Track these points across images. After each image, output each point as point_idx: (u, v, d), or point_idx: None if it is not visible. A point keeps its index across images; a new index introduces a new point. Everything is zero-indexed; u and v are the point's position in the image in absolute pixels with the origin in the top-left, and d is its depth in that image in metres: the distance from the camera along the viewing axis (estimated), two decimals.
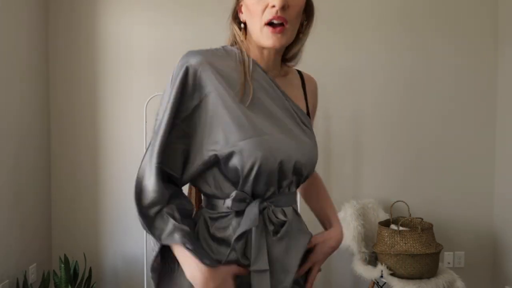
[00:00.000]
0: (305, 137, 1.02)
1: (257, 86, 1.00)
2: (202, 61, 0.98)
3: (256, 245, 0.95)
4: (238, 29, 1.04)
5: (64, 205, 2.74)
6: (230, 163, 0.94)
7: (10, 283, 2.31)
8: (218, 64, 0.99)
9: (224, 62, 1.00)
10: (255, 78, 1.00)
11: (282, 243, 0.98)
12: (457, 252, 2.86)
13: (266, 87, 1.01)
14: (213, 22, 2.72)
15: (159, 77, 2.71)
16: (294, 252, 0.99)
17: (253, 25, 0.99)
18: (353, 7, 2.77)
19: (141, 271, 2.68)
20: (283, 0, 0.93)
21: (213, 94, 0.96)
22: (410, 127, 2.82)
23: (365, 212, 2.59)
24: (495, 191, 2.85)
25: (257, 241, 0.95)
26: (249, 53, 1.04)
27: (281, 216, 0.99)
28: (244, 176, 0.95)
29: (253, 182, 0.96)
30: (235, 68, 0.99)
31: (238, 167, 0.94)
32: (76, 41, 2.70)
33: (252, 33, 1.01)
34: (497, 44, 2.81)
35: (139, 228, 2.67)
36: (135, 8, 2.70)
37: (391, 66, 2.79)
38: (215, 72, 0.97)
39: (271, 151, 0.94)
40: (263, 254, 0.94)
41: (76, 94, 2.71)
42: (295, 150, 0.98)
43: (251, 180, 0.95)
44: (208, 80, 0.96)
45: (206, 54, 1.01)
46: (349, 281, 2.83)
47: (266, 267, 0.94)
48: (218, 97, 0.96)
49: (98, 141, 2.73)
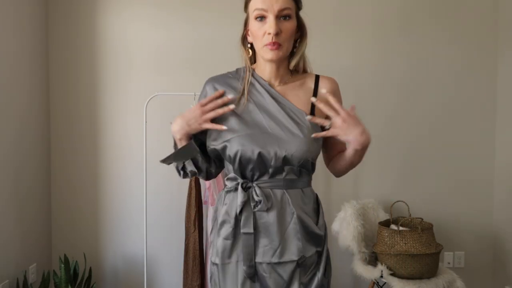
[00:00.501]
0: (298, 130, 1.27)
1: (256, 93, 1.32)
2: (211, 86, 1.35)
3: (245, 215, 1.27)
4: (245, 51, 1.36)
5: (64, 205, 2.74)
6: (225, 153, 1.28)
7: (10, 283, 2.31)
8: (225, 86, 1.34)
9: (230, 83, 1.35)
10: (256, 87, 1.33)
11: (268, 214, 1.27)
12: (457, 252, 2.86)
13: (265, 93, 1.32)
14: (213, 22, 2.72)
15: (159, 77, 2.71)
16: (278, 224, 1.27)
17: (257, 45, 1.30)
18: (354, 7, 2.77)
19: (141, 271, 2.68)
20: (275, 29, 1.23)
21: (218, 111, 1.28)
22: (410, 127, 2.82)
23: (365, 212, 2.59)
24: (495, 191, 2.85)
25: (245, 212, 1.27)
26: (258, 68, 1.36)
27: (257, 196, 1.27)
28: (232, 162, 1.29)
29: (239, 167, 1.28)
30: (239, 84, 1.34)
31: (230, 156, 1.27)
32: (76, 41, 2.70)
33: (257, 50, 1.32)
34: (497, 44, 2.81)
35: (139, 228, 2.68)
36: (135, 8, 2.70)
37: (391, 66, 2.79)
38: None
39: (250, 144, 1.25)
40: (249, 222, 1.26)
41: (76, 94, 2.71)
42: (281, 142, 1.26)
43: (237, 165, 1.28)
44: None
45: (218, 80, 1.37)
46: (349, 281, 2.83)
47: (251, 231, 1.26)
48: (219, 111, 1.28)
49: (98, 141, 2.73)
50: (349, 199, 2.66)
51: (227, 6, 2.71)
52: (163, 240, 2.75)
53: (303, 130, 1.27)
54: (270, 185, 1.29)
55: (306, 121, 1.28)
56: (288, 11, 1.26)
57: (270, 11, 1.24)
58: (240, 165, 1.28)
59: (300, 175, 1.31)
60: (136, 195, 2.71)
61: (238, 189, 1.29)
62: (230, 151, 1.27)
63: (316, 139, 1.28)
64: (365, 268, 2.42)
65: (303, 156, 1.27)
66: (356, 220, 2.47)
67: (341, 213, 2.54)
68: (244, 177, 1.30)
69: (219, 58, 2.72)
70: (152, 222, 2.71)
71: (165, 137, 2.73)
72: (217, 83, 1.35)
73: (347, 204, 2.57)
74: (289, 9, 1.26)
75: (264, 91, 1.32)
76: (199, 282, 2.49)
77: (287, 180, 1.29)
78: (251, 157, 1.25)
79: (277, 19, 1.24)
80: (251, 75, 1.34)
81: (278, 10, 1.24)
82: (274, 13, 1.24)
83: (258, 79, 1.34)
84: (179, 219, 2.67)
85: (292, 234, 1.27)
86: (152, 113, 2.63)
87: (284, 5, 1.25)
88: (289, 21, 1.27)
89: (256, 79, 1.34)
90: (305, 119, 1.29)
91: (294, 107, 1.31)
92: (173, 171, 2.75)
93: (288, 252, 1.27)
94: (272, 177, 1.29)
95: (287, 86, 1.34)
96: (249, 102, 1.31)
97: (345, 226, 2.47)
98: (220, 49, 2.72)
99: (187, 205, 2.50)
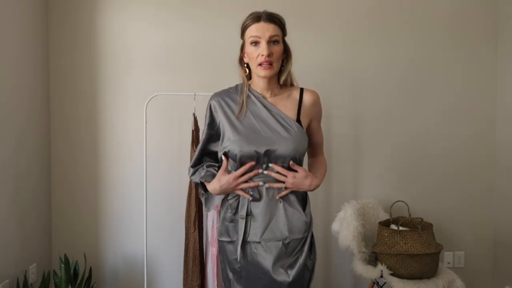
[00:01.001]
0: (286, 133, 1.58)
1: (252, 104, 1.65)
2: (216, 101, 1.68)
3: (241, 204, 1.62)
4: (243, 70, 1.69)
5: (64, 205, 2.74)
6: (230, 153, 1.61)
7: (10, 283, 2.31)
8: (227, 99, 1.67)
9: (231, 96, 1.68)
10: (252, 99, 1.65)
11: (259, 204, 1.60)
12: (457, 252, 2.86)
13: (259, 104, 1.65)
14: (214, 22, 2.73)
15: (159, 77, 2.71)
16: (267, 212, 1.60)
17: (252, 65, 1.63)
18: (354, 8, 2.77)
19: (141, 271, 2.68)
20: (268, 51, 1.56)
21: (222, 120, 1.65)
22: (410, 127, 2.82)
23: (365, 212, 2.59)
24: (495, 191, 2.85)
25: (242, 201, 1.62)
26: (253, 83, 1.68)
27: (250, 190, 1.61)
28: (234, 159, 1.61)
29: (240, 162, 1.60)
30: (239, 96, 1.68)
31: (232, 153, 1.60)
32: (76, 41, 2.70)
33: (252, 69, 1.65)
34: (497, 45, 2.81)
35: (139, 228, 2.68)
36: (135, 7, 2.70)
37: (391, 67, 2.79)
38: (223, 105, 1.66)
39: (248, 145, 1.57)
40: (243, 209, 1.61)
41: (76, 94, 2.72)
42: (271, 143, 1.57)
43: (238, 161, 1.60)
44: (219, 112, 1.66)
45: (221, 94, 1.69)
46: (349, 281, 2.83)
47: (244, 216, 1.60)
48: (224, 121, 1.64)
49: (98, 141, 2.73)
50: (349, 199, 2.66)
51: (227, 6, 2.71)
52: (163, 240, 2.75)
53: (290, 133, 1.59)
54: (263, 179, 1.60)
55: (293, 125, 1.61)
56: (277, 37, 1.59)
57: (263, 37, 1.57)
58: (240, 162, 1.59)
59: (289, 170, 1.60)
60: (136, 195, 2.71)
61: None
62: (233, 150, 1.59)
63: (300, 138, 1.60)
64: (365, 268, 2.42)
65: (291, 153, 1.58)
66: (356, 220, 2.47)
67: (341, 213, 2.54)
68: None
69: (219, 58, 2.72)
70: (152, 222, 2.71)
71: (165, 137, 2.74)
72: (221, 97, 1.68)
73: (347, 204, 2.57)
74: (277, 36, 1.59)
75: (258, 102, 1.65)
76: (199, 282, 2.49)
77: (277, 175, 1.59)
78: (248, 155, 1.57)
79: (268, 44, 1.57)
80: (248, 89, 1.66)
81: (269, 37, 1.57)
82: (266, 39, 1.57)
83: (253, 92, 1.67)
84: (179, 219, 2.67)
85: (279, 219, 1.59)
86: (152, 113, 2.63)
87: (273, 33, 1.58)
88: (277, 45, 1.60)
89: (252, 92, 1.67)
90: (292, 123, 1.61)
91: (283, 114, 1.63)
92: (173, 171, 2.78)
93: (274, 234, 1.58)
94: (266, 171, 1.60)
95: (277, 97, 1.67)
96: (246, 111, 1.63)
97: (345, 226, 2.47)
98: (220, 49, 2.72)
99: (187, 205, 2.50)
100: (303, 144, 1.61)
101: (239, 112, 1.63)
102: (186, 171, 2.54)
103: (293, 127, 1.60)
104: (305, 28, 2.69)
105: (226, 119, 1.63)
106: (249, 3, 2.73)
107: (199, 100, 2.56)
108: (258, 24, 1.58)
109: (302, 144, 1.61)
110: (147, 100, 2.52)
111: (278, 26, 1.61)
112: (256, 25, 1.59)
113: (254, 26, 1.59)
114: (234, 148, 1.58)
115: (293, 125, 1.61)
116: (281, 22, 1.63)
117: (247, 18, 1.62)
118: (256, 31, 1.58)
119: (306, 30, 2.69)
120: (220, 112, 1.65)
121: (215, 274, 2.48)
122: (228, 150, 1.60)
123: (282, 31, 1.63)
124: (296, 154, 1.59)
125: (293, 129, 1.60)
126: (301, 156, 1.64)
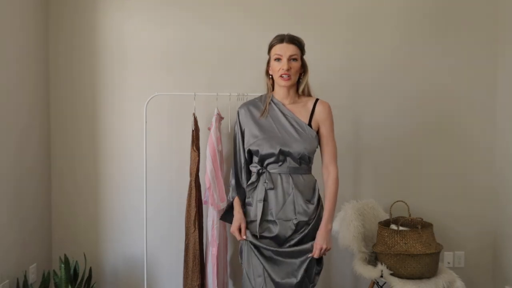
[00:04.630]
0: (297, 135, 1.95)
1: (272, 110, 2.01)
2: (243, 110, 2.06)
3: (259, 190, 1.98)
4: (268, 79, 2.04)
5: (64, 205, 2.74)
6: (252, 150, 2.00)
7: (10, 283, 2.31)
8: (252, 107, 2.05)
9: (255, 104, 2.06)
10: (272, 106, 2.02)
11: (274, 191, 1.96)
12: (457, 252, 2.86)
13: (277, 110, 2.01)
14: (214, 22, 2.73)
15: (159, 77, 2.71)
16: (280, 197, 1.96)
17: (275, 77, 1.99)
18: (354, 9, 2.77)
19: (141, 271, 2.68)
20: (287, 66, 1.92)
21: (248, 124, 2.03)
22: (410, 127, 2.82)
23: (365, 212, 2.59)
24: (494, 191, 2.85)
25: (259, 188, 1.98)
26: (275, 92, 2.04)
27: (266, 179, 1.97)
28: (255, 154, 1.99)
29: (259, 158, 1.98)
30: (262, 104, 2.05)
31: (254, 151, 1.98)
32: (77, 40, 2.70)
33: (275, 80, 2.00)
34: (497, 45, 2.81)
35: (139, 228, 2.68)
36: (135, 8, 2.70)
37: (391, 67, 2.79)
38: (247, 113, 2.04)
39: (266, 144, 1.94)
40: (261, 194, 1.97)
41: (76, 94, 2.72)
42: (285, 142, 1.93)
43: (258, 157, 1.97)
44: (245, 119, 2.04)
45: (248, 104, 2.08)
46: (349, 281, 2.83)
47: (261, 199, 1.96)
48: (249, 124, 2.02)
49: (98, 141, 2.73)
50: (349, 199, 2.66)
51: (227, 6, 2.71)
52: (163, 240, 2.75)
53: (301, 135, 1.96)
54: (278, 170, 1.96)
55: (305, 128, 1.96)
56: (295, 56, 1.95)
57: (284, 55, 1.93)
58: (260, 157, 1.96)
59: (300, 164, 1.96)
60: (136, 195, 2.71)
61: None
62: (254, 148, 1.97)
63: (311, 139, 1.96)
64: (365, 268, 2.42)
65: (301, 151, 1.93)
66: (356, 220, 2.47)
67: (341, 213, 2.54)
68: (262, 165, 1.99)
69: (219, 58, 2.73)
70: (152, 222, 2.71)
71: (165, 137, 2.74)
72: (248, 106, 2.06)
73: (347, 204, 2.57)
74: (296, 55, 1.95)
75: (277, 108, 2.01)
76: (199, 282, 2.49)
77: (290, 168, 1.96)
78: (266, 152, 1.94)
79: (288, 60, 1.93)
80: (271, 97, 2.03)
81: (289, 55, 1.93)
82: (286, 57, 1.93)
83: (274, 100, 2.03)
84: (179, 219, 2.67)
85: (290, 204, 1.95)
86: (152, 113, 2.63)
87: (293, 52, 1.94)
88: (296, 62, 1.95)
89: (273, 100, 2.03)
90: (304, 127, 1.97)
91: (297, 119, 1.98)
92: (173, 171, 2.78)
93: (285, 215, 1.94)
94: (280, 166, 1.96)
95: (294, 105, 2.02)
96: (268, 116, 2.00)
97: (345, 226, 2.47)
98: (220, 49, 2.72)
99: (187, 205, 2.50)
100: (313, 144, 1.96)
101: (262, 115, 2.00)
102: (186, 171, 2.55)
103: (305, 130, 1.96)
104: (305, 28, 2.69)
105: (251, 122, 2.00)
106: (249, 3, 2.74)
107: (199, 100, 2.57)
108: (282, 44, 1.95)
109: (312, 144, 1.96)
110: (147, 100, 2.52)
111: (297, 46, 1.96)
112: (280, 45, 1.95)
113: (278, 46, 1.95)
114: (255, 146, 1.96)
115: (305, 128, 1.96)
116: (300, 44, 1.98)
117: (273, 39, 1.98)
118: (279, 50, 1.94)
119: (306, 31, 2.69)
120: (245, 118, 2.03)
121: (215, 274, 2.48)
122: (250, 148, 1.98)
123: (301, 51, 1.98)
124: (306, 152, 1.93)
125: (304, 132, 1.96)
126: (311, 153, 1.97)
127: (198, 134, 2.52)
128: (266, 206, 1.96)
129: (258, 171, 1.98)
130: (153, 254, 2.74)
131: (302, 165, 1.96)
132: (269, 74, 2.03)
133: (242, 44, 2.72)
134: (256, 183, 1.99)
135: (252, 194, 2.01)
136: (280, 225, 1.93)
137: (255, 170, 2.00)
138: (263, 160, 1.97)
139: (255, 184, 2.00)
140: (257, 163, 1.99)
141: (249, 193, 2.03)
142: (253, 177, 2.01)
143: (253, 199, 2.00)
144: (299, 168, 1.96)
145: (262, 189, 1.97)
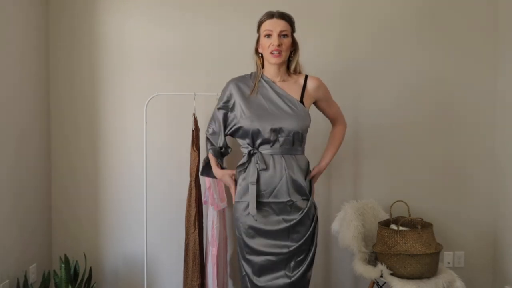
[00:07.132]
0: (290, 112, 1.91)
1: (262, 87, 1.97)
2: (233, 84, 2.01)
3: (251, 171, 1.92)
4: (258, 58, 2.00)
5: (64, 205, 2.74)
6: (242, 128, 1.93)
7: (11, 283, 2.31)
8: (241, 83, 2.00)
9: (246, 81, 2.01)
10: (263, 83, 1.98)
11: (266, 172, 1.90)
12: (457, 252, 2.86)
13: (268, 87, 1.97)
14: (214, 22, 2.73)
15: (159, 77, 2.71)
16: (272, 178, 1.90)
17: (265, 54, 1.95)
18: (354, 10, 2.77)
19: (141, 271, 2.68)
20: (278, 42, 1.89)
21: (237, 99, 1.97)
22: (410, 127, 2.81)
23: (365, 212, 2.59)
24: (495, 191, 2.85)
25: (252, 169, 1.92)
26: (266, 70, 1.99)
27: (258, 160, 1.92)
28: (247, 134, 1.93)
29: (251, 138, 1.92)
30: (252, 82, 2.00)
31: (244, 128, 1.93)
32: (77, 41, 2.70)
33: (265, 57, 1.97)
34: (497, 45, 2.81)
35: (139, 228, 2.68)
36: (135, 8, 2.70)
37: (390, 67, 2.79)
38: (237, 88, 1.99)
39: (258, 120, 1.90)
40: (253, 176, 1.90)
41: (76, 94, 2.72)
42: (276, 119, 1.89)
43: (249, 135, 1.92)
44: (234, 93, 1.99)
45: (237, 80, 2.02)
46: (349, 281, 2.83)
47: (254, 181, 1.89)
48: (239, 100, 1.97)
49: (98, 141, 2.73)
50: (349, 199, 2.66)
51: (227, 6, 2.71)
52: (163, 240, 2.75)
53: (294, 111, 1.91)
54: (270, 151, 1.91)
55: (297, 105, 1.92)
56: (286, 32, 1.92)
57: (275, 31, 1.90)
58: (252, 135, 1.91)
59: (293, 144, 1.92)
60: (136, 195, 2.71)
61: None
62: (244, 126, 1.91)
63: (303, 116, 1.92)
64: (365, 268, 2.42)
65: (293, 128, 1.88)
66: (356, 220, 2.47)
67: (341, 213, 2.54)
68: (253, 145, 1.93)
69: (219, 58, 2.72)
70: (152, 222, 2.71)
71: (165, 137, 2.74)
72: (238, 81, 2.00)
73: (347, 204, 2.57)
74: (287, 31, 1.92)
75: (268, 86, 1.96)
76: (199, 282, 2.49)
77: (283, 148, 1.91)
78: (256, 129, 1.89)
79: (278, 36, 1.90)
80: (260, 75, 1.98)
81: (279, 31, 1.90)
82: (277, 32, 1.90)
83: (264, 78, 1.99)
84: (179, 219, 2.67)
85: (283, 185, 1.90)
86: (152, 113, 2.63)
87: (283, 28, 1.91)
88: (286, 38, 1.93)
89: (263, 77, 1.99)
90: (296, 103, 1.93)
91: (289, 96, 1.94)
92: (173, 171, 2.78)
93: (279, 196, 1.90)
94: (272, 146, 1.91)
95: (285, 83, 1.99)
96: (258, 93, 1.95)
97: (345, 226, 2.47)
98: (220, 49, 2.72)
99: (187, 205, 2.50)
100: (305, 121, 1.93)
101: (251, 93, 1.95)
102: (186, 171, 2.55)
103: (297, 106, 1.92)
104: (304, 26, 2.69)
105: (240, 99, 1.94)
106: (249, 3, 2.74)
107: (199, 100, 2.56)
108: (271, 20, 1.92)
109: (304, 121, 1.92)
110: (147, 100, 2.52)
111: (288, 22, 1.93)
112: (269, 21, 1.92)
113: (268, 21, 1.92)
114: (245, 123, 1.90)
115: (297, 105, 1.92)
116: (290, 20, 1.96)
117: (263, 16, 1.96)
118: (269, 25, 1.91)
119: (305, 29, 2.69)
120: (236, 93, 1.97)
121: (215, 274, 2.48)
122: (240, 125, 1.92)
123: (291, 27, 1.95)
124: (299, 129, 1.90)
125: (296, 108, 1.92)
126: (304, 131, 1.93)
127: (198, 134, 2.52)
128: (258, 188, 1.90)
129: (250, 152, 1.92)
130: (153, 254, 2.74)
131: (294, 145, 1.92)
132: (259, 53, 1.98)
133: (242, 44, 2.72)
134: (247, 164, 1.93)
135: (241, 175, 1.95)
136: (275, 206, 1.91)
137: (246, 151, 1.95)
138: (254, 140, 1.91)
139: (245, 165, 1.94)
140: (248, 143, 1.94)
141: (238, 174, 1.97)
142: (244, 158, 1.95)
143: (243, 180, 1.94)
144: (291, 148, 1.92)
145: (255, 171, 1.90)
